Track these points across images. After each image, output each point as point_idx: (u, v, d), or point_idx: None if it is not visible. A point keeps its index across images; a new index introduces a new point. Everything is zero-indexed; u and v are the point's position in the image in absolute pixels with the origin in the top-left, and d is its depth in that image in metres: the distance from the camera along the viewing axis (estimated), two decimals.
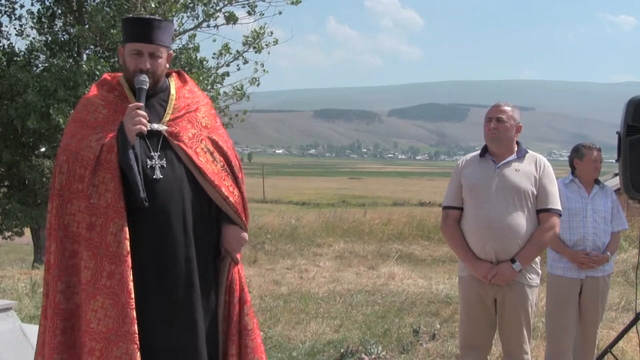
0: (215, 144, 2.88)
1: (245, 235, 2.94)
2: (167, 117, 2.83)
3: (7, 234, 12.82)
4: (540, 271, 3.91)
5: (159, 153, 2.77)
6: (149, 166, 2.74)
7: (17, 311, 5.09)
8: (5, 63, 12.42)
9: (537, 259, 3.86)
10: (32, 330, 4.99)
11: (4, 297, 7.27)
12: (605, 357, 4.65)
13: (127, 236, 2.65)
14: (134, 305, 2.63)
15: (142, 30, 2.80)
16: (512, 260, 3.70)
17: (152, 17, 3.01)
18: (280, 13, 13.53)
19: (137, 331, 2.62)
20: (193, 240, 2.78)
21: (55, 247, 2.74)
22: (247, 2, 13.71)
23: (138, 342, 2.62)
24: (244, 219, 2.92)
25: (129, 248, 2.64)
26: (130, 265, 2.64)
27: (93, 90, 2.91)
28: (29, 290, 7.74)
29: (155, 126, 2.79)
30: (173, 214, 2.74)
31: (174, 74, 2.99)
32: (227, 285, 2.90)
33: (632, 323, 4.63)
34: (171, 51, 2.95)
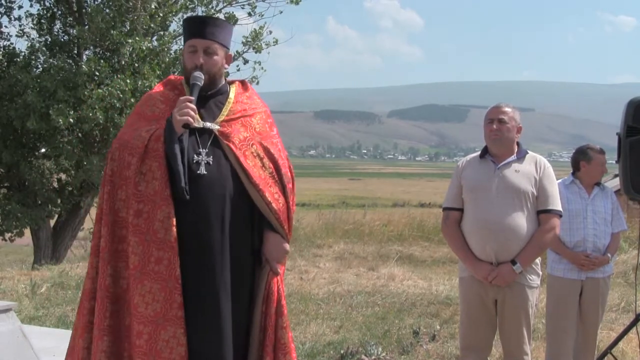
0: (266, 150, 2.90)
1: (287, 246, 2.92)
2: (221, 118, 2.88)
3: (8, 235, 12.81)
4: (540, 272, 3.91)
5: (207, 150, 2.81)
6: (195, 161, 2.78)
7: (17, 312, 5.09)
8: (5, 64, 12.42)
9: (538, 260, 3.86)
10: (32, 331, 4.99)
11: (4, 298, 7.27)
12: (605, 358, 4.64)
13: (174, 223, 2.70)
14: (181, 291, 2.69)
15: (197, 27, 2.89)
16: (513, 262, 3.70)
17: (208, 15, 3.06)
18: (281, 12, 13.55)
19: (183, 316, 2.68)
20: (229, 240, 2.79)
21: (106, 231, 2.79)
22: (246, 2, 13.73)
23: (185, 327, 2.68)
24: (286, 228, 2.91)
25: (176, 235, 2.69)
26: (177, 251, 2.69)
27: (157, 87, 3.01)
28: (28, 292, 7.73)
29: (208, 124, 2.84)
30: (212, 211, 2.76)
31: (237, 82, 3.05)
32: (265, 295, 2.87)
33: (632, 324, 4.62)
34: (230, 52, 3.00)
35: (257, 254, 2.89)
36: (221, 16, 13.40)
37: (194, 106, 2.75)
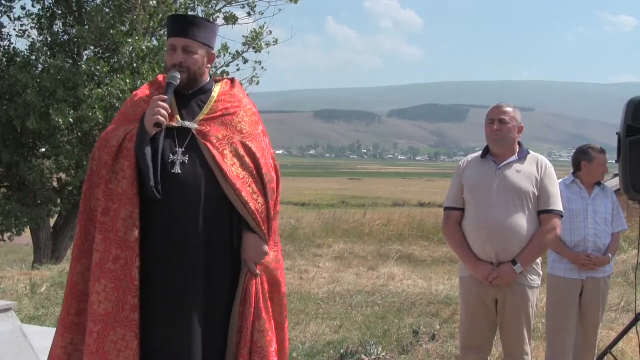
0: (247, 149, 2.84)
1: (266, 247, 2.85)
2: (200, 117, 2.85)
3: (8, 234, 12.81)
4: (541, 272, 3.91)
5: (183, 150, 2.78)
6: (170, 160, 2.75)
7: (17, 312, 5.08)
8: (5, 63, 12.41)
9: (538, 260, 3.85)
10: (32, 331, 4.99)
11: (4, 297, 7.26)
12: (605, 357, 4.65)
13: (138, 224, 2.67)
14: (136, 293, 2.65)
15: (177, 26, 2.88)
16: (513, 262, 3.70)
17: (191, 15, 3.06)
18: (280, 10, 13.54)
19: (137, 319, 2.64)
20: (204, 241, 2.75)
21: (79, 229, 2.80)
22: (246, 2, 13.72)
23: (137, 330, 2.63)
24: (265, 229, 2.83)
25: (137, 235, 2.67)
26: (137, 253, 2.67)
27: (143, 87, 3.00)
28: (28, 291, 7.73)
29: (187, 124, 2.82)
30: (187, 211, 2.73)
31: (226, 80, 3.02)
32: (242, 297, 2.81)
33: (632, 324, 4.62)
34: (213, 52, 2.97)
35: (236, 254, 2.84)
36: (221, 16, 13.41)
37: (166, 105, 2.72)
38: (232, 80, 3.04)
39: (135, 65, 11.75)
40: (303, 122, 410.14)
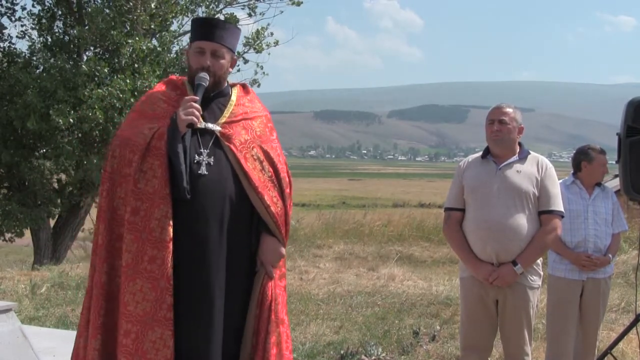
0: (266, 154, 2.91)
1: (283, 250, 2.92)
2: (223, 119, 2.89)
3: (8, 235, 12.80)
4: (541, 273, 3.91)
5: (208, 151, 2.81)
6: (195, 161, 2.78)
7: (17, 312, 5.08)
8: (5, 64, 12.42)
9: (539, 261, 3.85)
10: (32, 332, 4.99)
11: (4, 298, 7.26)
12: (605, 358, 4.64)
13: (171, 223, 2.69)
14: (172, 292, 2.68)
15: (206, 29, 2.89)
16: (514, 263, 3.70)
17: (217, 18, 3.08)
18: (281, 12, 13.56)
19: (172, 317, 2.67)
20: (227, 241, 2.79)
21: (104, 228, 2.79)
22: (247, 3, 13.73)
23: (173, 329, 2.67)
24: (283, 232, 2.91)
25: (171, 235, 2.69)
26: (171, 252, 2.69)
27: (158, 86, 3.01)
28: (28, 292, 7.73)
29: (210, 125, 2.84)
30: (212, 212, 2.76)
31: (239, 85, 3.06)
32: (259, 299, 2.86)
33: (632, 324, 4.62)
34: (235, 57, 3.01)
35: (254, 256, 2.89)
36: (221, 16, 13.41)
37: (198, 106, 2.76)
38: (244, 86, 3.09)
39: (135, 65, 11.76)
40: (303, 123, 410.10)
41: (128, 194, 2.74)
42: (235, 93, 2.99)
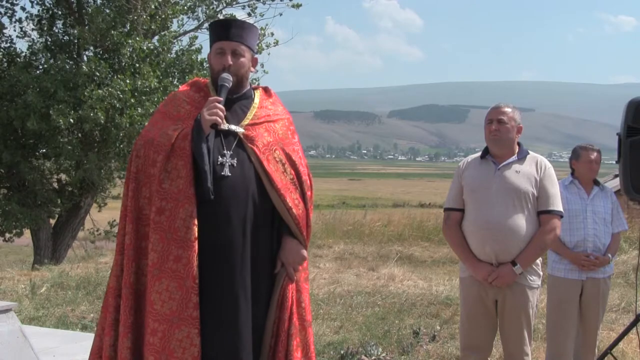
0: (288, 156, 2.92)
1: (305, 252, 2.93)
2: (246, 121, 2.90)
3: (8, 235, 12.80)
4: (541, 273, 3.90)
5: (231, 152, 2.82)
6: (219, 162, 2.79)
7: (17, 312, 5.08)
8: (5, 64, 12.42)
9: (538, 261, 3.85)
10: (32, 332, 4.99)
11: (4, 298, 7.27)
12: (606, 358, 4.64)
13: (196, 223, 2.71)
14: (197, 291, 2.69)
15: (224, 30, 2.91)
16: (513, 263, 3.70)
17: (235, 18, 3.09)
18: (280, 15, 13.58)
19: (198, 316, 2.69)
20: (250, 242, 2.80)
21: (131, 228, 2.81)
22: (247, 3, 13.75)
23: (199, 327, 2.68)
24: (304, 234, 2.92)
25: (196, 234, 2.70)
26: (196, 251, 2.70)
27: (182, 87, 3.04)
28: (28, 292, 7.73)
29: (233, 127, 2.86)
30: (234, 213, 2.77)
31: (260, 88, 3.07)
32: (280, 301, 2.87)
33: (632, 324, 4.62)
34: (256, 56, 3.01)
35: (275, 258, 2.90)
36: (221, 17, 13.41)
37: (222, 107, 2.77)
38: (266, 89, 3.10)
39: (135, 65, 11.76)
40: (303, 123, 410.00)
41: (153, 194, 2.76)
42: (257, 96, 3.01)
